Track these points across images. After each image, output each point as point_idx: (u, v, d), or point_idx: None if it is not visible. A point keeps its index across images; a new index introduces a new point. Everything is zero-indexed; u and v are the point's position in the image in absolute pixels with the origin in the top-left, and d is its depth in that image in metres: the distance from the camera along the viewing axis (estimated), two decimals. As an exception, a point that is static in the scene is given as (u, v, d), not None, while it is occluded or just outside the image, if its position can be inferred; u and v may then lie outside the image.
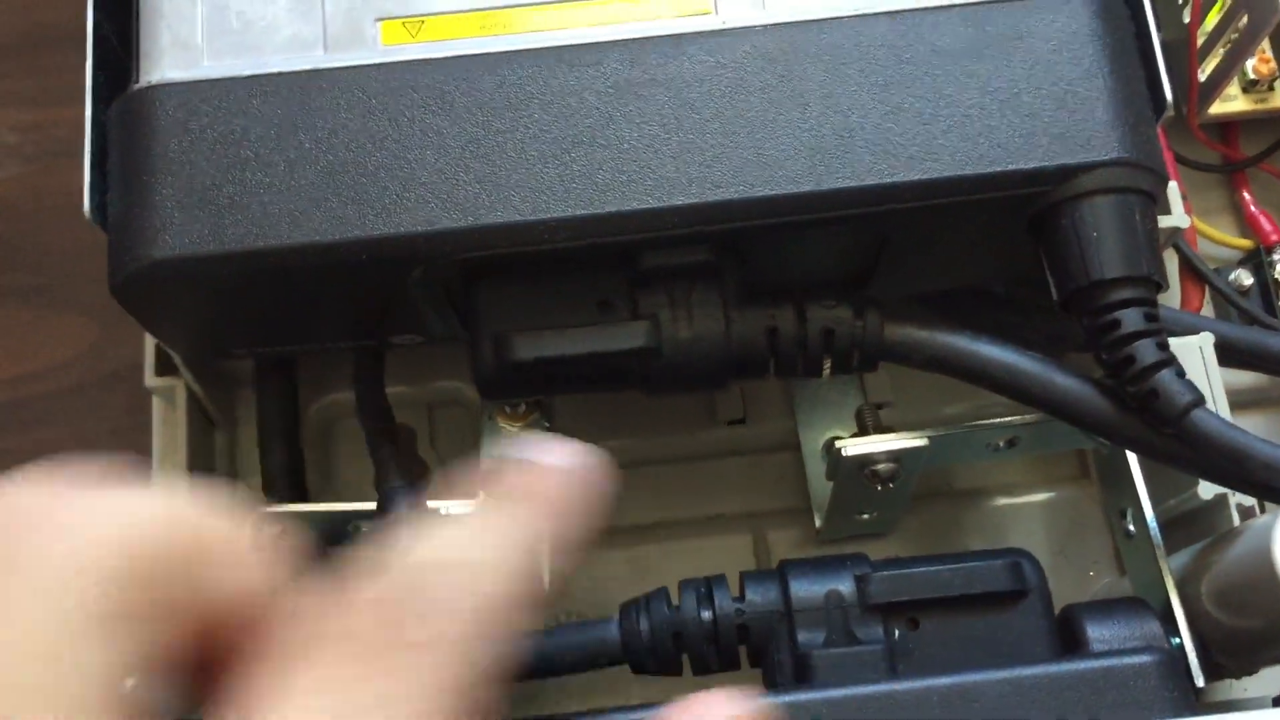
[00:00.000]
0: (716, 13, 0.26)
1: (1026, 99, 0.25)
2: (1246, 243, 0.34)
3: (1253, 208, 0.34)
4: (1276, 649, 0.24)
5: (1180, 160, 0.34)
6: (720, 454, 0.33)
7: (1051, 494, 0.33)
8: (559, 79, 0.25)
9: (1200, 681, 0.24)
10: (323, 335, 0.29)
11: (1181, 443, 0.24)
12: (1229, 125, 0.35)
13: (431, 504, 0.26)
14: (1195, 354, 0.28)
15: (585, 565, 0.32)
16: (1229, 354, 0.29)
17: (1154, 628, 0.24)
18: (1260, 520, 0.23)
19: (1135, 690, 0.23)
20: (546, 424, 0.33)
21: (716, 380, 0.26)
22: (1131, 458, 0.27)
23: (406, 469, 0.30)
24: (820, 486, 0.31)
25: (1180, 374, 0.24)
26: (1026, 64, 0.25)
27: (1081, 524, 0.33)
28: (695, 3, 0.26)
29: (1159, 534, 0.26)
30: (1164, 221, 0.30)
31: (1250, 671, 0.25)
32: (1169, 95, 0.25)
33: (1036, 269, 0.26)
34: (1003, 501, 0.33)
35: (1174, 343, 0.27)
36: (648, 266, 0.25)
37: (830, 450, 0.28)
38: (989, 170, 0.25)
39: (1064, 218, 0.25)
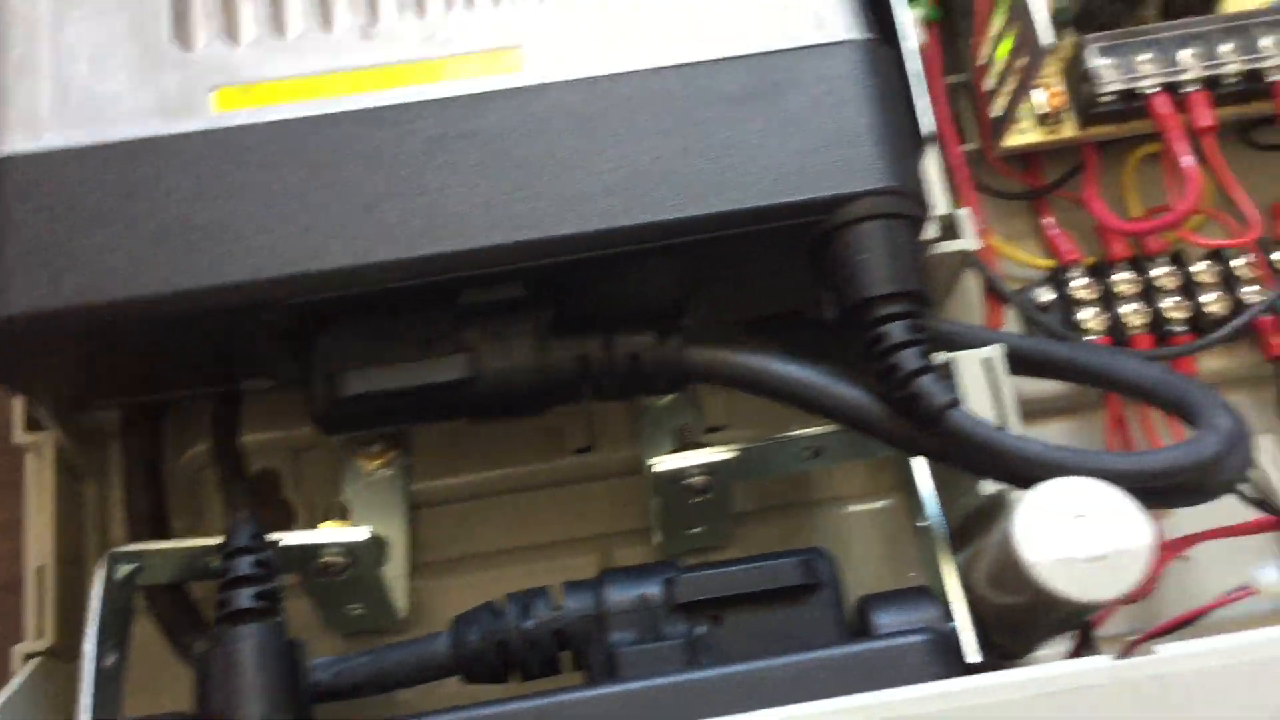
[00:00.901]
0: (523, 70, 0.29)
1: (801, 137, 0.28)
2: (1048, 262, 0.37)
3: (1052, 231, 0.37)
4: (1042, 625, 0.26)
5: (985, 189, 0.37)
6: (571, 480, 0.36)
7: (889, 500, 0.36)
8: (378, 137, 0.28)
9: (974, 658, 0.26)
10: (175, 384, 0.31)
11: (944, 441, 0.26)
12: (1031, 155, 0.38)
13: (273, 537, 0.28)
14: (988, 364, 0.30)
15: (441, 593, 0.34)
16: (1020, 363, 0.31)
17: (933, 612, 0.26)
18: (1010, 500, 0.26)
19: (908, 667, 0.25)
20: (406, 461, 0.35)
21: (535, 406, 0.29)
22: (915, 460, 0.29)
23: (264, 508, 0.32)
24: (655, 505, 0.33)
25: (939, 379, 0.26)
26: (800, 106, 0.28)
27: (908, 528, 0.35)
28: (503, 62, 0.29)
29: (940, 525, 0.28)
30: (954, 245, 0.33)
31: (1029, 650, 0.27)
32: (927, 129, 0.28)
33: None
34: (851, 509, 0.36)
35: (969, 354, 0.30)
36: (466, 303, 0.28)
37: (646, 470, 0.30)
38: (768, 202, 0.27)
39: (836, 242, 0.27)
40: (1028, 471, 0.25)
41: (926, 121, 0.28)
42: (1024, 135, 0.36)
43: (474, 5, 0.29)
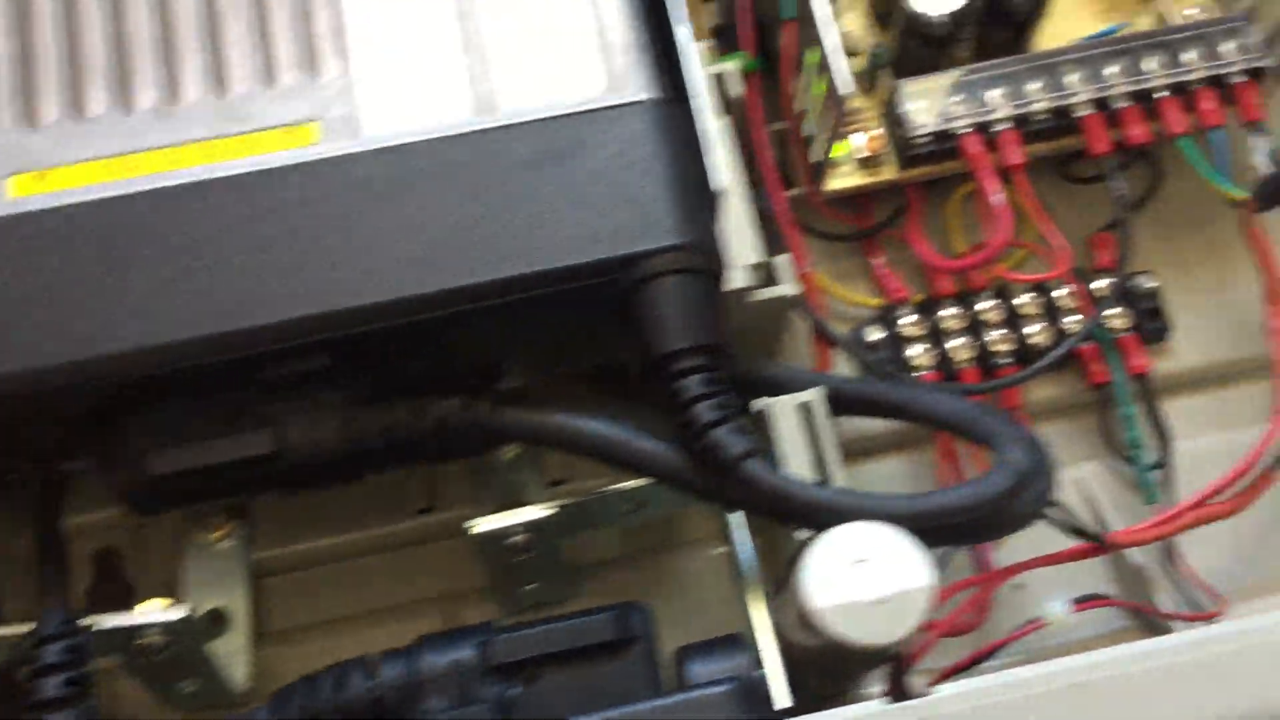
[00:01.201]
0: (319, 143, 0.29)
1: (594, 198, 0.28)
2: (878, 301, 0.38)
3: (881, 270, 0.38)
4: (845, 667, 0.27)
5: (815, 232, 0.38)
6: (415, 541, 0.36)
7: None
8: (175, 216, 0.28)
9: (782, 704, 0.26)
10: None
11: (742, 492, 0.27)
12: (861, 196, 0.39)
13: (84, 622, 0.28)
14: (805, 408, 0.31)
15: (289, 662, 0.34)
16: (840, 404, 0.32)
17: (742, 660, 0.27)
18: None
19: (714, 717, 0.25)
20: (247, 530, 0.35)
21: (346, 476, 0.29)
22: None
23: (103, 590, 0.32)
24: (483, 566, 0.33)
25: (736, 430, 0.27)
26: (594, 167, 0.28)
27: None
28: (299, 136, 0.29)
29: (751, 572, 0.28)
30: (774, 291, 0.33)
31: (843, 691, 0.28)
32: (717, 185, 0.29)
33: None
34: (714, 551, 0.36)
35: (785, 400, 0.31)
36: (270, 376, 0.28)
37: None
38: (562, 264, 0.28)
39: (633, 300, 0.28)
40: (818, 518, 0.26)
41: (718, 178, 0.29)
42: (846, 179, 0.37)
43: (273, 83, 0.30)
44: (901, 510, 0.25)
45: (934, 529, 0.26)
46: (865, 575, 0.24)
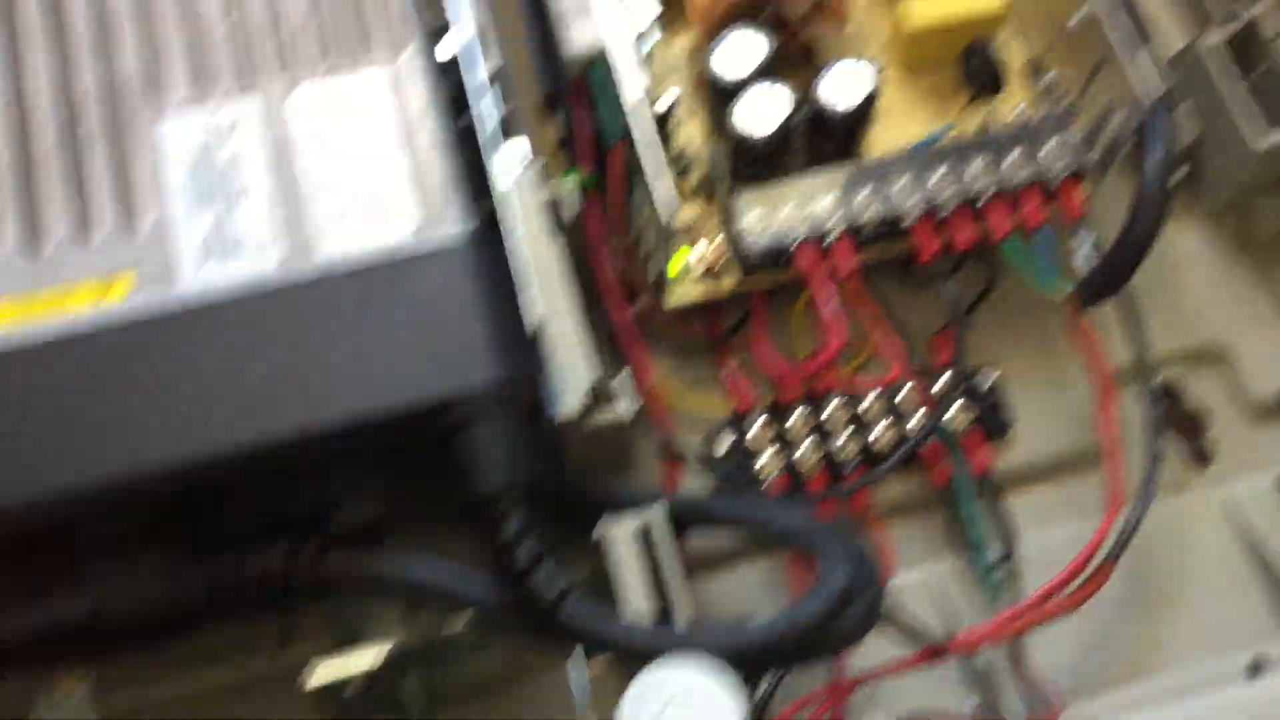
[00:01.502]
0: (133, 294, 0.29)
1: (410, 341, 0.28)
2: (728, 409, 0.38)
3: (731, 378, 0.38)
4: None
5: (663, 343, 0.39)
6: (269, 680, 0.35)
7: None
8: (-15, 379, 0.28)
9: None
10: None
11: (565, 632, 0.27)
12: (709, 305, 0.39)
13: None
14: (642, 530, 0.31)
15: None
16: (683, 521, 0.32)
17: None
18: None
19: None
20: (93, 682, 0.34)
21: (173, 634, 0.29)
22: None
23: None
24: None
25: (551, 573, 0.27)
26: (409, 309, 0.29)
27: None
28: (115, 287, 0.29)
29: (584, 708, 0.28)
30: (612, 412, 0.33)
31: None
32: (532, 320, 0.29)
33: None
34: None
35: (622, 524, 0.31)
36: (86, 538, 0.28)
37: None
38: (378, 409, 0.28)
39: (455, 439, 0.28)
40: (635, 656, 0.26)
41: (541, 306, 0.29)
42: (689, 291, 0.38)
43: (89, 233, 0.30)
44: (715, 645, 0.25)
45: (754, 658, 0.26)
46: (674, 717, 0.24)
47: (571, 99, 0.38)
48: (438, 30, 0.34)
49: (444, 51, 0.33)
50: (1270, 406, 0.40)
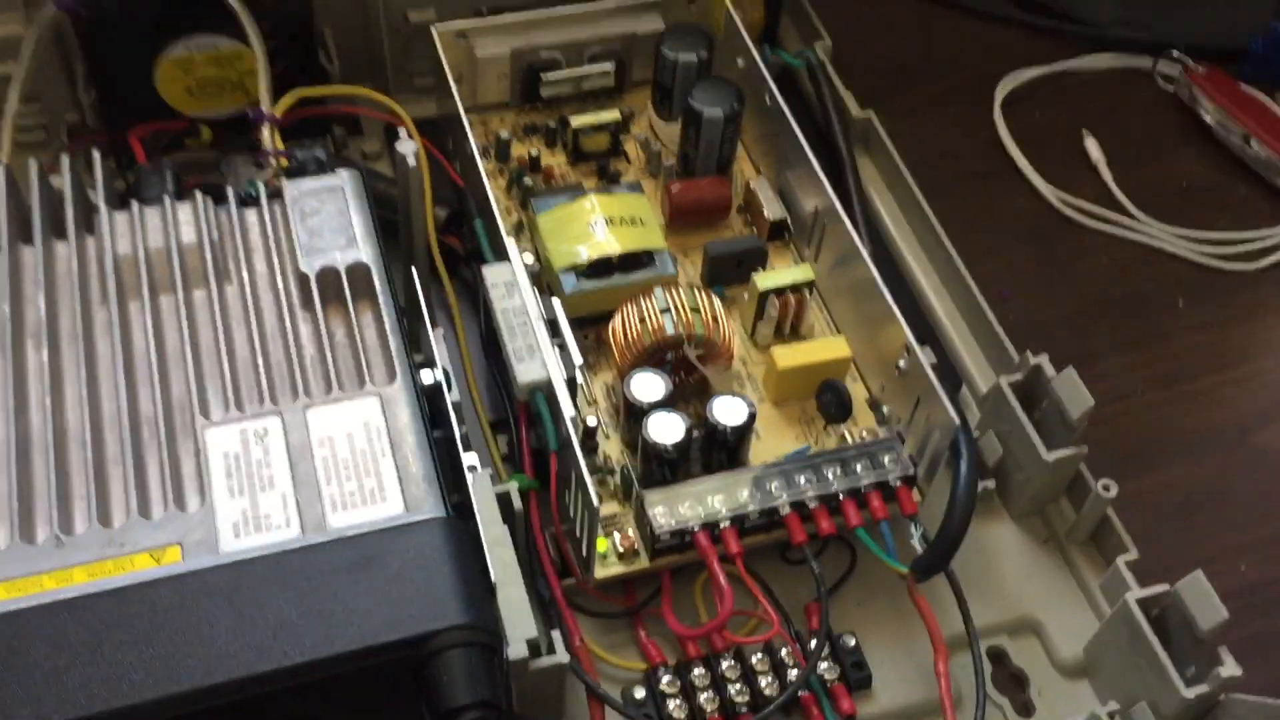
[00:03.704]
0: (183, 559, 0.38)
1: (397, 593, 0.37)
2: (642, 665, 0.47)
3: (644, 639, 0.47)
4: None
5: (587, 611, 0.47)
6: None
7: None
8: (62, 622, 0.36)
9: None
10: None
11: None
12: (625, 581, 0.48)
13: None
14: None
15: None
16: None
17: None
18: None
19: None
20: None
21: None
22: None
23: None
24: None
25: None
26: (396, 570, 0.37)
27: None
28: (167, 554, 0.38)
29: None
30: (549, 660, 0.42)
31: None
32: (493, 579, 0.38)
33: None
34: None
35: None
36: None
37: None
38: (372, 643, 0.36)
39: (427, 668, 0.36)
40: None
41: (492, 575, 0.38)
42: (608, 569, 0.47)
43: (149, 513, 0.39)
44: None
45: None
46: None
47: (518, 420, 0.49)
48: (419, 365, 0.44)
49: (424, 381, 0.44)
50: (1077, 667, 0.49)
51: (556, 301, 0.49)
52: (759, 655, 0.46)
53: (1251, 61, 0.72)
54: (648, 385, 0.49)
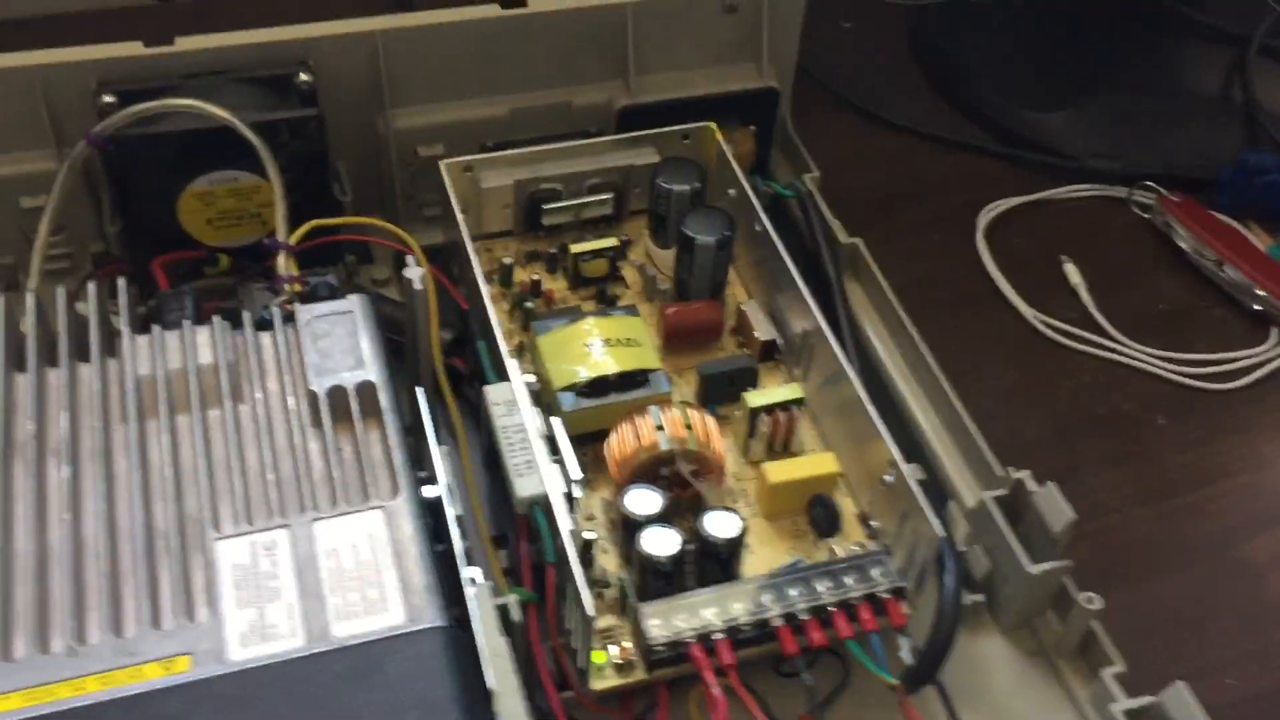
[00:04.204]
0: (189, 670, 0.39)
1: (397, 702, 0.38)
2: (637, 778, 0.47)
3: (639, 752, 0.48)
4: None
5: (586, 724, 0.49)
6: None
7: None
8: (76, 730, 0.37)
9: None
10: None
11: None
12: (622, 694, 0.49)
13: None
14: None
15: None
16: None
17: None
18: None
19: None
20: None
21: None
22: None
23: None
24: None
25: None
26: (396, 679, 0.39)
27: None
28: (177, 664, 0.39)
29: None
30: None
31: None
32: (491, 685, 0.39)
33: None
34: None
35: None
36: None
37: None
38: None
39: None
40: None
41: (492, 683, 0.39)
42: (606, 680, 0.48)
43: (160, 624, 0.40)
44: None
45: None
46: None
47: (517, 534, 0.50)
48: (422, 480, 0.46)
49: (426, 495, 0.45)
50: (1068, 779, 0.50)
51: (556, 420, 0.52)
52: (752, 768, 0.47)
53: (1223, 190, 0.76)
54: (643, 500, 0.50)
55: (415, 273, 0.52)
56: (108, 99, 0.57)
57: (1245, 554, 0.60)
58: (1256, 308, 0.71)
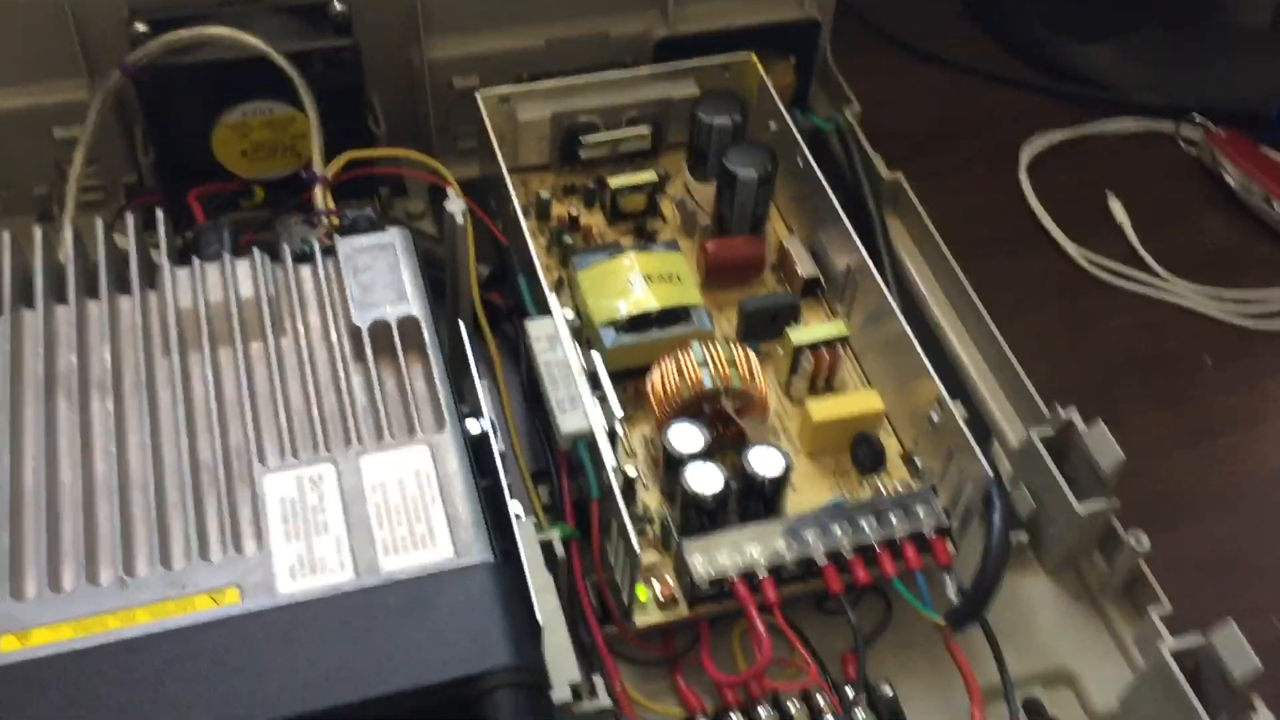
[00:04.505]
0: (239, 603, 0.39)
1: (448, 635, 0.38)
2: (680, 712, 0.47)
3: (683, 686, 0.48)
4: None
5: (628, 658, 0.48)
6: None
7: None
8: (128, 660, 0.37)
9: None
10: None
11: None
12: (667, 630, 0.49)
13: None
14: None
15: None
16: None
17: None
18: None
19: None
20: None
21: None
22: None
23: None
24: None
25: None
26: (446, 612, 0.39)
27: None
28: (226, 595, 0.39)
29: None
30: (592, 704, 0.42)
31: None
32: (540, 622, 0.39)
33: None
34: None
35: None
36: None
37: None
38: (426, 682, 0.37)
39: (478, 708, 0.37)
40: None
41: (539, 618, 0.39)
42: (649, 616, 0.48)
43: (209, 556, 0.40)
44: None
45: None
46: None
47: (558, 470, 0.50)
48: (465, 415, 0.46)
49: (470, 430, 0.45)
50: (1111, 718, 0.49)
51: (596, 355, 0.51)
52: (796, 704, 0.47)
53: (1273, 126, 0.74)
54: (686, 436, 0.50)
55: (456, 206, 0.51)
56: (140, 27, 0.56)
57: (1291, 496, 0.60)
58: (1305, 246, 0.70)
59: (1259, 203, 0.71)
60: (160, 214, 0.50)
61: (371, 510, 0.41)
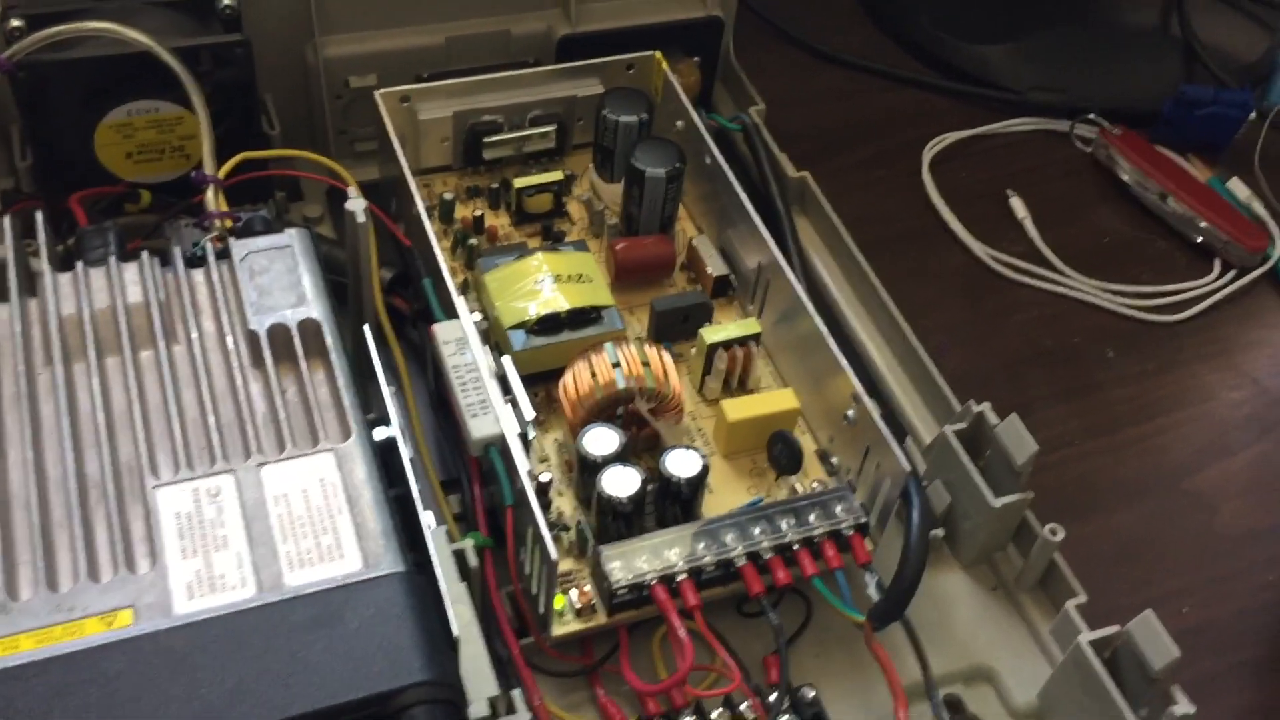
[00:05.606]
0: (134, 623, 0.36)
1: (358, 650, 0.36)
2: (601, 724, 0.46)
3: (603, 698, 0.47)
4: None
5: (544, 670, 0.47)
6: None
7: None
8: (9, 691, 0.34)
9: None
10: None
11: None
12: (582, 639, 0.48)
13: None
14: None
15: None
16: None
17: None
18: None
19: None
20: None
21: None
22: None
23: None
24: None
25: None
26: (356, 627, 0.37)
27: None
28: (119, 618, 0.37)
29: None
30: (512, 719, 0.41)
31: None
32: (455, 631, 0.38)
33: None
34: None
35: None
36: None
37: None
38: (332, 703, 0.35)
39: (395, 723, 0.35)
40: None
41: (454, 629, 0.38)
42: (566, 626, 0.47)
43: (98, 577, 0.38)
44: None
45: None
46: None
47: (470, 477, 0.48)
48: (372, 423, 0.44)
49: (377, 438, 0.43)
50: (1031, 712, 0.49)
51: (506, 359, 0.50)
52: (719, 710, 0.46)
53: (1163, 123, 0.76)
54: (601, 439, 0.49)
55: (358, 204, 0.49)
56: (15, 23, 0.53)
57: (1196, 485, 0.61)
58: (1199, 240, 0.71)
59: (1153, 198, 0.73)
60: (39, 216, 0.47)
61: (274, 523, 0.39)
